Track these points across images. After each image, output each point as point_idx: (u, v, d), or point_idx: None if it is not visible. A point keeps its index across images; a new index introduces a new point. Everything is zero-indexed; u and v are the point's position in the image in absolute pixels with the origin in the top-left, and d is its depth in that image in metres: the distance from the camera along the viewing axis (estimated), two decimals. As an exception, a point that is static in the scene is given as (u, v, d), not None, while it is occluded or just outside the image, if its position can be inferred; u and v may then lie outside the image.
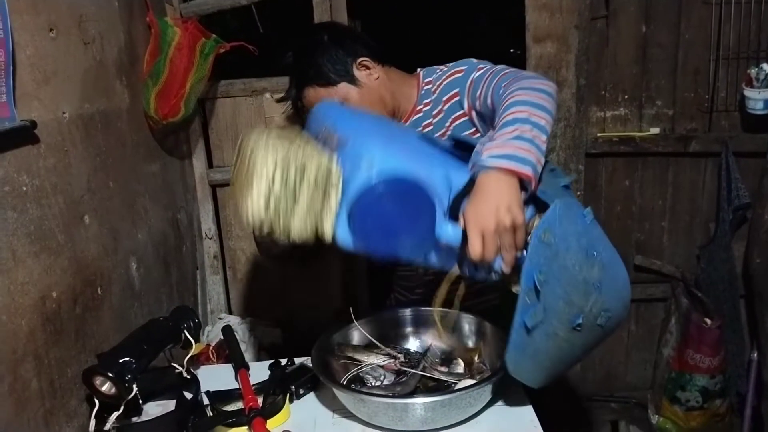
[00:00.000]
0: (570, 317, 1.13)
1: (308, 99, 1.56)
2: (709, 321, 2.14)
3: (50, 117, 1.27)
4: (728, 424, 2.27)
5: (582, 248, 1.13)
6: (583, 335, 1.16)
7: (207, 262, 2.41)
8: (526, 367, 1.18)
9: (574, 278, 1.12)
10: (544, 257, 1.09)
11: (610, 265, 1.18)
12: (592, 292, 1.14)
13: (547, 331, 1.13)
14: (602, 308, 1.15)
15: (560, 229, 1.11)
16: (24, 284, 1.14)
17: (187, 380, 1.39)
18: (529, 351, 1.15)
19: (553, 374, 1.22)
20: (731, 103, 2.20)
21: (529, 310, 1.10)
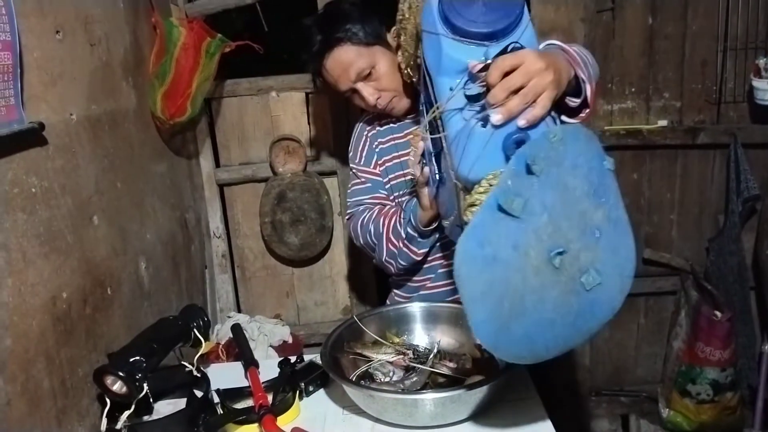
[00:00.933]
0: (550, 242, 0.95)
1: (335, 60, 1.49)
2: (719, 313, 2.13)
3: (58, 118, 1.28)
4: (739, 417, 2.26)
5: (590, 182, 0.98)
6: (559, 284, 0.97)
7: (215, 260, 2.42)
8: (474, 274, 0.96)
9: (571, 202, 0.96)
10: (546, 157, 0.94)
11: (616, 224, 1.00)
12: (587, 233, 0.97)
13: (518, 238, 0.94)
14: (593, 264, 0.98)
15: (575, 145, 0.96)
16: (34, 285, 1.15)
17: (197, 378, 1.40)
18: (488, 250, 0.94)
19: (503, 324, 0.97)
20: (739, 94, 2.19)
21: (508, 193, 0.93)
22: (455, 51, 1.04)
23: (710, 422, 2.24)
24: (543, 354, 1.02)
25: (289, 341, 2.26)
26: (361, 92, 1.51)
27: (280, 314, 2.47)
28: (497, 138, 0.97)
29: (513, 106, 0.95)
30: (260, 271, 2.49)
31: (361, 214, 1.62)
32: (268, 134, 2.35)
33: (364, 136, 1.69)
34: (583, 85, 1.11)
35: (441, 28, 1.05)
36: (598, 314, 1.01)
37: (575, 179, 0.96)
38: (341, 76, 1.50)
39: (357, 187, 1.68)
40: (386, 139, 1.65)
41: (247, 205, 2.43)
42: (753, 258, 2.27)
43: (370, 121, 1.69)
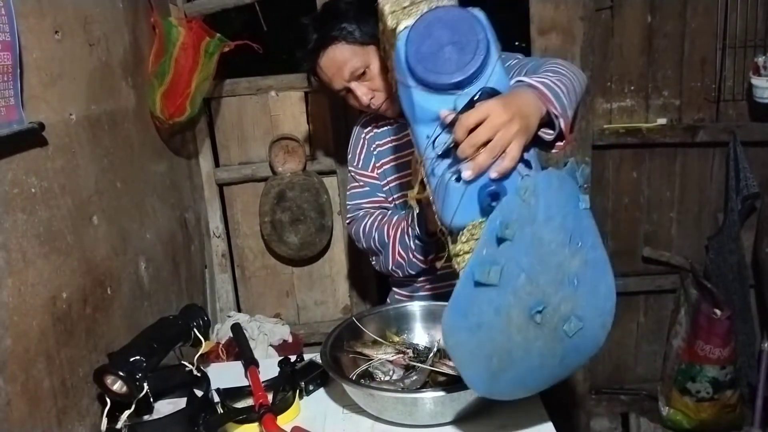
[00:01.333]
0: (530, 300, 0.98)
1: (330, 59, 1.49)
2: (719, 312, 2.13)
3: (57, 119, 1.28)
4: (739, 415, 2.26)
5: (565, 229, 0.99)
6: (542, 336, 1.01)
7: (215, 260, 2.42)
8: (462, 341, 1.00)
9: (547, 256, 0.98)
10: (518, 214, 0.95)
11: (594, 266, 1.02)
12: (565, 283, 0.99)
13: (499, 303, 0.97)
14: (574, 312, 1.01)
15: (547, 195, 0.97)
16: (34, 285, 1.15)
17: (197, 378, 1.40)
18: (472, 320, 0.98)
19: (494, 376, 1.03)
20: (738, 92, 2.19)
21: (483, 264, 0.95)
22: (426, 102, 1.04)
23: (710, 420, 2.24)
24: (535, 390, 1.11)
25: (289, 340, 2.27)
26: (355, 92, 1.50)
27: (280, 313, 2.47)
28: (472, 191, 0.99)
29: (481, 161, 0.97)
30: (260, 271, 2.49)
31: (362, 220, 1.62)
32: (267, 134, 2.35)
33: (362, 139, 1.68)
34: (556, 121, 1.08)
35: (410, 79, 1.05)
36: (583, 351, 1.07)
37: (550, 232, 0.98)
38: (335, 75, 1.50)
39: (356, 191, 1.68)
40: (384, 141, 1.65)
41: (246, 204, 2.43)
42: (752, 256, 2.27)
43: (368, 123, 1.69)
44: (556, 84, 1.13)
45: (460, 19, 1.05)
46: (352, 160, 1.70)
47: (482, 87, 1.02)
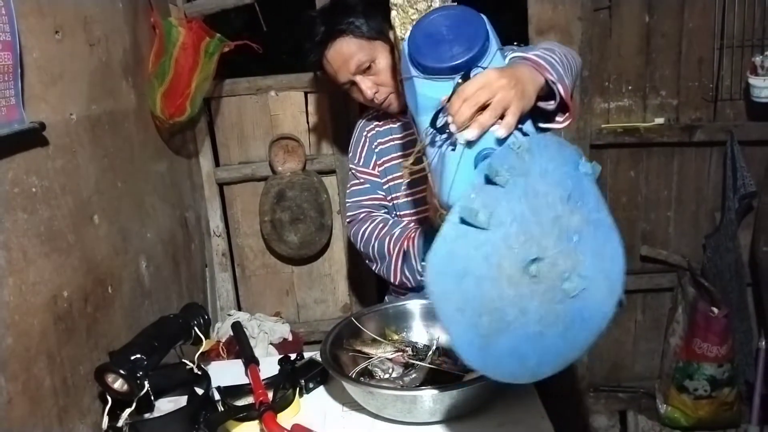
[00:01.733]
0: (523, 250, 0.91)
1: (337, 51, 1.51)
2: (716, 310, 2.14)
3: (58, 118, 1.29)
4: (736, 413, 2.27)
5: (563, 186, 0.94)
6: (539, 294, 0.92)
7: (216, 259, 2.43)
8: (447, 290, 0.92)
9: (542, 208, 0.93)
10: (510, 164, 0.92)
11: (597, 226, 0.95)
12: (563, 239, 0.93)
13: (488, 249, 0.90)
14: (575, 269, 0.92)
15: (543, 153, 0.95)
16: (35, 284, 1.15)
17: (198, 376, 1.41)
18: (458, 264, 0.91)
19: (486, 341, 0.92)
20: (736, 91, 2.19)
21: (470, 206, 0.90)
22: (428, 89, 1.06)
23: (708, 418, 2.25)
24: (537, 370, 0.96)
25: (289, 339, 2.27)
26: (360, 85, 1.52)
27: (280, 312, 2.48)
28: (468, 158, 0.98)
29: (484, 120, 0.96)
30: (260, 270, 2.50)
31: (363, 223, 1.63)
32: (267, 133, 2.36)
33: (364, 137, 1.69)
34: (554, 87, 1.09)
35: (413, 70, 1.08)
36: (590, 322, 0.95)
37: (546, 186, 0.94)
38: (341, 68, 1.51)
39: (356, 188, 1.69)
40: (386, 139, 1.66)
41: (246, 203, 2.43)
42: (750, 255, 2.28)
43: (370, 121, 1.70)
44: (549, 55, 1.14)
45: (460, 13, 1.10)
46: (352, 157, 1.72)
47: (481, 67, 1.03)
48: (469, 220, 0.90)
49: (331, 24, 1.50)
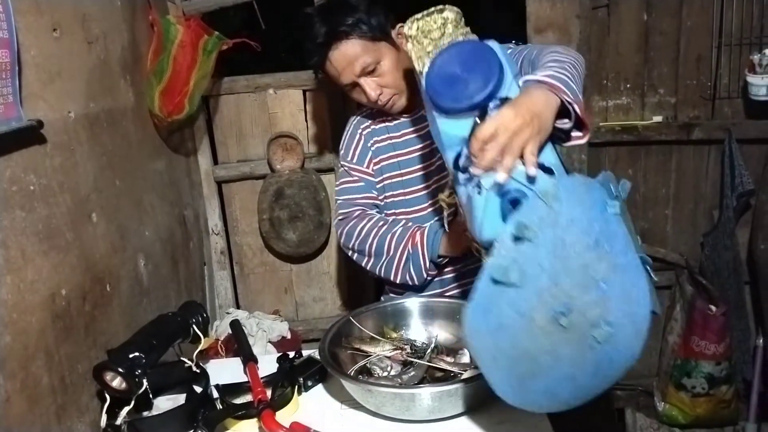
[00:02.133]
0: (554, 302, 0.95)
1: (341, 53, 1.46)
2: (714, 308, 2.15)
3: (56, 116, 1.29)
4: (734, 410, 2.28)
5: (590, 233, 0.96)
6: (570, 342, 0.96)
7: (214, 257, 2.42)
8: (484, 343, 0.98)
9: (571, 259, 0.95)
10: (539, 216, 0.95)
11: (625, 270, 0.98)
12: (591, 287, 0.96)
13: (520, 304, 0.95)
14: (603, 317, 0.96)
15: (570, 199, 0.97)
16: (33, 282, 1.15)
17: (196, 374, 1.41)
18: (492, 321, 0.96)
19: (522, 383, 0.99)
20: (734, 89, 2.19)
21: (502, 263, 0.94)
22: (450, 128, 1.10)
23: (705, 415, 2.25)
24: (568, 404, 1.02)
25: (287, 337, 2.27)
26: (364, 87, 1.49)
27: (279, 310, 2.48)
28: (493, 202, 1.01)
29: (507, 164, 1.00)
30: (258, 268, 2.50)
31: (360, 221, 1.61)
32: (265, 131, 2.35)
33: (359, 134, 1.67)
34: (571, 108, 1.09)
35: (433, 111, 1.12)
36: (618, 361, 1.00)
37: (574, 235, 0.96)
38: (345, 69, 1.48)
39: (349, 185, 1.66)
40: (382, 137, 1.64)
41: (245, 202, 2.43)
42: (747, 253, 2.28)
43: (366, 119, 1.68)
44: (562, 73, 1.13)
45: (472, 50, 1.13)
46: (345, 154, 1.68)
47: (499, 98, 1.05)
48: (501, 279, 0.94)
49: (334, 24, 1.45)
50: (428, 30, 1.25)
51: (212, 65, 1.98)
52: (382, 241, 1.56)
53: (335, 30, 1.45)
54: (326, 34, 1.45)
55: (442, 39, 1.24)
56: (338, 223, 1.66)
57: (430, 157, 1.58)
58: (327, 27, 1.45)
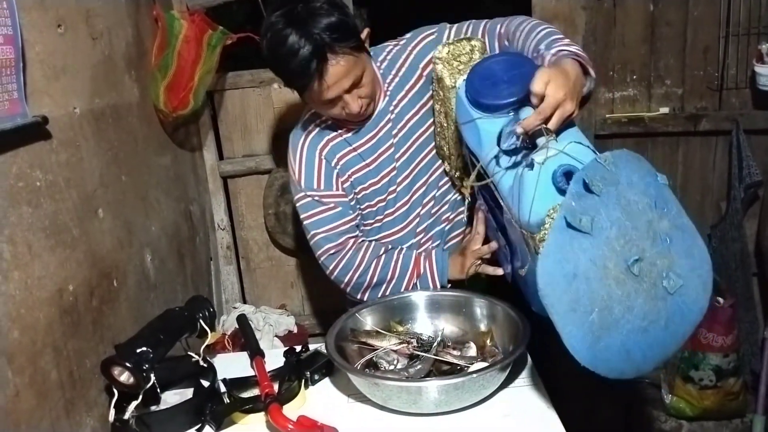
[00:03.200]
0: (624, 252, 1.01)
1: (332, 74, 1.34)
2: (722, 300, 2.13)
3: (61, 112, 1.29)
4: (742, 403, 2.27)
5: (649, 195, 1.05)
6: (643, 291, 1.01)
7: (220, 252, 2.43)
8: (559, 292, 1.01)
9: (636, 214, 1.03)
10: (602, 178, 1.02)
11: (684, 230, 1.06)
12: (658, 240, 1.03)
13: (594, 253, 1.00)
14: (672, 269, 1.02)
15: (626, 166, 1.05)
16: (41, 278, 1.16)
17: (203, 369, 1.42)
18: (568, 268, 1.00)
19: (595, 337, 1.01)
20: (742, 80, 2.18)
21: (575, 211, 1.00)
22: (491, 126, 1.21)
23: (713, 408, 2.25)
24: (642, 365, 1.05)
25: (294, 331, 2.28)
26: (348, 102, 1.40)
27: (285, 304, 2.48)
28: (546, 174, 1.08)
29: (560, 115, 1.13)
30: (265, 262, 2.50)
31: (358, 252, 1.56)
32: (270, 126, 2.35)
33: (317, 157, 1.54)
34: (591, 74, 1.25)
35: (474, 113, 1.24)
36: (688, 315, 1.05)
37: (634, 194, 1.04)
38: (332, 87, 1.36)
39: (325, 215, 1.55)
40: (346, 151, 1.55)
41: (250, 196, 2.43)
42: (755, 244, 2.27)
43: (317, 139, 1.56)
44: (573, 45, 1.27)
45: (511, 58, 1.28)
46: (309, 183, 1.55)
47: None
48: (573, 224, 1.00)
49: (321, 46, 1.30)
50: (458, 54, 1.39)
51: (217, 60, 1.97)
52: (386, 270, 1.56)
53: (323, 51, 1.31)
54: (315, 57, 1.30)
55: (470, 63, 1.36)
56: (329, 258, 1.57)
57: (398, 152, 1.56)
58: (313, 47, 1.30)
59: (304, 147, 1.55)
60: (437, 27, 1.53)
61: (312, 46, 1.30)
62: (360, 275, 1.57)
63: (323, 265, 1.61)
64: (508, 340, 1.35)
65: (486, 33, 1.46)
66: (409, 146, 1.56)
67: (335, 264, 1.58)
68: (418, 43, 1.52)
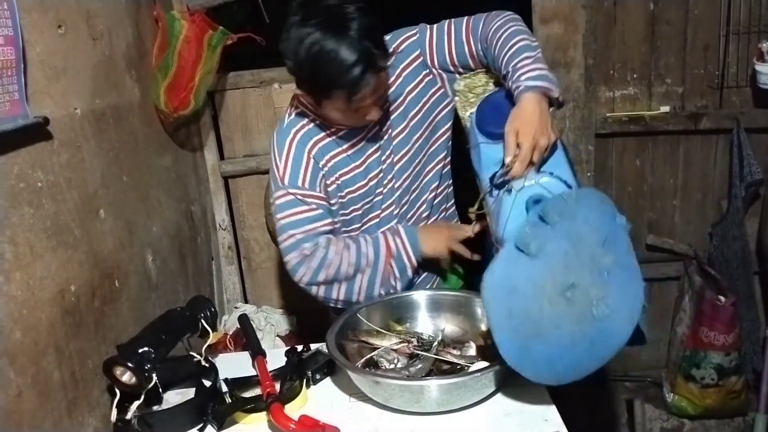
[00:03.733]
0: (563, 278, 1.13)
1: (371, 87, 1.34)
2: (723, 298, 2.13)
3: (62, 113, 1.29)
4: (744, 401, 2.27)
5: (601, 233, 1.16)
6: (572, 314, 1.14)
7: (222, 252, 2.43)
8: (498, 301, 1.15)
9: (582, 247, 1.15)
10: (560, 212, 1.15)
11: (626, 269, 1.18)
12: (596, 273, 1.15)
13: (535, 274, 1.14)
14: (604, 299, 1.14)
15: (587, 205, 1.18)
16: (42, 278, 1.16)
17: (205, 368, 1.42)
18: (509, 282, 1.15)
19: (524, 344, 1.14)
20: (742, 78, 2.18)
21: (525, 237, 1.14)
22: (490, 150, 1.34)
23: (715, 406, 2.25)
24: (563, 376, 1.18)
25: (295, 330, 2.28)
26: (371, 112, 1.41)
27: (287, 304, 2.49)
28: (520, 199, 1.23)
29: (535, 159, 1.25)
30: (266, 262, 2.51)
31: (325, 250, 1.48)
32: (271, 126, 2.34)
33: (306, 155, 1.50)
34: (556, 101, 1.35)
35: (480, 137, 1.38)
36: (611, 341, 1.18)
37: (587, 230, 1.16)
38: (365, 98, 1.35)
39: (305, 215, 1.48)
40: (335, 152, 1.52)
41: (251, 196, 2.43)
42: (756, 243, 2.27)
43: (306, 136, 1.51)
44: (538, 64, 1.33)
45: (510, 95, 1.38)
46: (292, 180, 1.48)
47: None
48: (522, 248, 1.14)
49: (370, 62, 1.30)
50: (474, 86, 1.51)
51: (217, 60, 1.97)
52: (358, 259, 1.49)
53: (370, 69, 1.31)
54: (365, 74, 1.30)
55: (483, 95, 1.48)
56: (302, 260, 1.49)
57: (384, 155, 1.55)
58: (364, 65, 1.29)
59: (293, 144, 1.50)
60: (417, 27, 1.52)
61: (364, 57, 1.29)
62: (329, 273, 1.48)
63: (293, 270, 1.51)
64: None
65: (470, 34, 1.47)
66: (395, 148, 1.55)
67: (307, 267, 1.49)
68: (398, 45, 1.50)
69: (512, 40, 1.37)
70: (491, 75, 1.49)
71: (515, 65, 1.33)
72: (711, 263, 2.27)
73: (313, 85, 1.38)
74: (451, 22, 1.50)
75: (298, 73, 1.39)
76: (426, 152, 1.60)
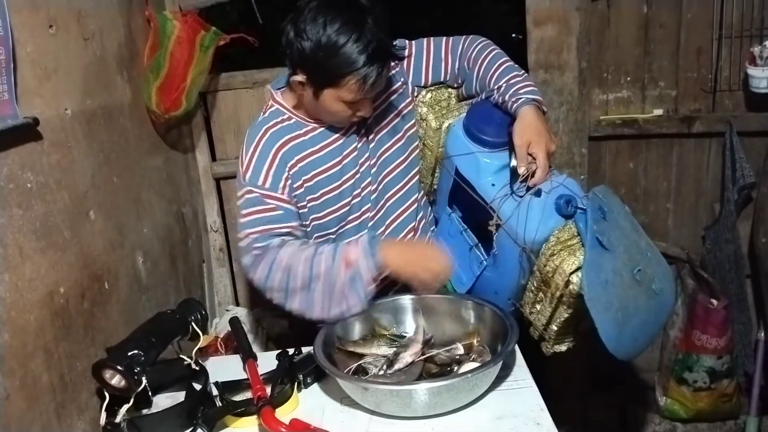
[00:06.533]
0: (630, 263, 1.29)
1: (378, 83, 1.38)
2: (716, 302, 2.14)
3: (52, 113, 1.28)
4: (736, 404, 2.27)
5: (628, 220, 1.37)
6: (643, 293, 1.30)
7: (213, 254, 2.42)
8: (597, 296, 1.23)
9: (627, 235, 1.33)
10: (601, 212, 1.30)
11: (653, 246, 1.39)
12: (643, 254, 1.34)
13: (614, 265, 1.27)
14: (656, 275, 1.33)
15: (610, 199, 1.36)
16: (31, 280, 1.15)
17: (195, 372, 1.41)
18: (602, 277, 1.25)
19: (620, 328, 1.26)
20: (735, 82, 2.18)
21: (601, 233, 1.26)
22: (489, 158, 1.46)
23: (707, 409, 2.25)
24: (642, 347, 1.38)
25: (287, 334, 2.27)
26: (367, 108, 1.43)
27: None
28: (550, 202, 1.36)
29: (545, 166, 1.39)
30: (258, 264, 2.49)
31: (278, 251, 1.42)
32: (263, 127, 2.34)
33: (272, 155, 1.46)
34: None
35: (473, 147, 1.48)
36: (666, 308, 1.43)
37: (622, 220, 1.35)
38: (374, 88, 1.38)
39: (265, 215, 1.45)
40: (304, 154, 1.49)
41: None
42: (749, 246, 2.28)
43: (276, 138, 1.48)
44: (528, 81, 1.50)
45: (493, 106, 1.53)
46: (254, 179, 1.45)
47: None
48: (603, 242, 1.26)
49: (391, 49, 1.39)
50: (439, 99, 1.65)
51: (209, 61, 1.97)
52: (312, 262, 1.40)
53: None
54: (379, 72, 1.34)
55: (449, 107, 1.63)
56: (254, 262, 1.43)
57: (362, 157, 1.54)
58: (378, 64, 1.33)
59: (261, 142, 1.48)
60: (397, 41, 1.55)
61: (384, 46, 1.35)
62: (281, 278, 1.41)
63: (245, 270, 1.47)
64: (495, 339, 1.35)
65: (449, 52, 1.62)
66: (372, 151, 1.55)
67: (259, 267, 1.43)
68: None
69: (498, 61, 1.54)
70: (451, 90, 1.67)
71: (509, 81, 1.48)
72: (704, 266, 2.27)
73: (325, 70, 1.35)
74: (430, 40, 1.63)
75: (314, 55, 1.34)
76: (405, 159, 1.60)
